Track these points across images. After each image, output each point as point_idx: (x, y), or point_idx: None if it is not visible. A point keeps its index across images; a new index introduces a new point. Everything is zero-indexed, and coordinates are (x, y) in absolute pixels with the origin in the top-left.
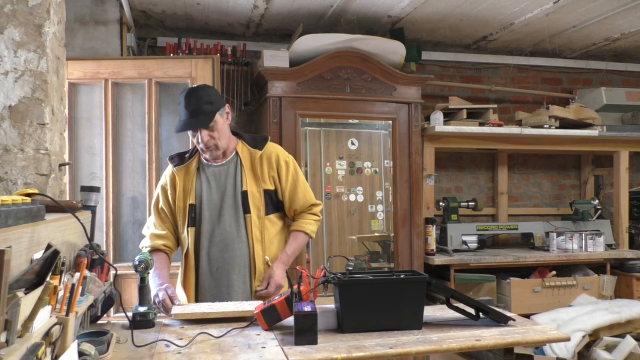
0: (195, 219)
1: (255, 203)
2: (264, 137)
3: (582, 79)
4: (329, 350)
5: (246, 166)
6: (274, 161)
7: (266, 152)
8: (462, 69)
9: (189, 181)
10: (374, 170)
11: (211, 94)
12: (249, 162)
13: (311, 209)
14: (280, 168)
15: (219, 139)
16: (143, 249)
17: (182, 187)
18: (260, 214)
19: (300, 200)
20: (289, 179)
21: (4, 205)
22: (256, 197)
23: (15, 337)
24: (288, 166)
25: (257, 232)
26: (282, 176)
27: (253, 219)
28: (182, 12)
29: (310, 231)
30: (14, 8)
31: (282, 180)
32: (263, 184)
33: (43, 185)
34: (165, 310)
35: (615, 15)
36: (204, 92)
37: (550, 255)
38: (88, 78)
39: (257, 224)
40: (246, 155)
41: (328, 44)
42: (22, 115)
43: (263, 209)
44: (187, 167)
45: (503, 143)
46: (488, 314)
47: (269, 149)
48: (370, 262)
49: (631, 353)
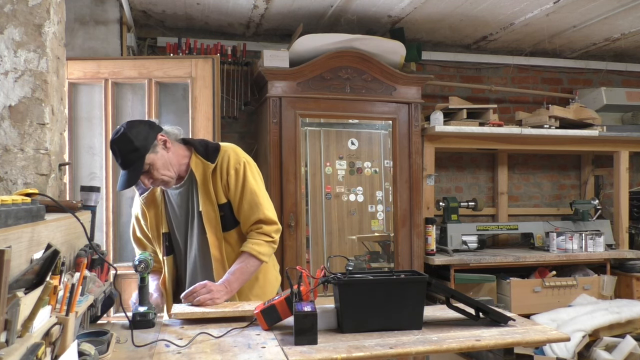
0: (170, 247)
1: (211, 222)
2: (215, 146)
3: (582, 79)
4: (329, 350)
5: (200, 184)
6: (224, 171)
7: (218, 163)
8: (462, 69)
9: (157, 209)
10: (374, 170)
11: (133, 137)
12: (202, 179)
13: (260, 228)
14: (229, 177)
15: (163, 174)
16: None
17: (153, 215)
18: (217, 234)
19: (244, 211)
20: (237, 188)
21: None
22: (211, 215)
23: (15, 337)
24: (237, 173)
25: (216, 253)
26: (230, 185)
27: (211, 240)
28: (182, 12)
29: (258, 252)
30: (14, 8)
31: (231, 190)
32: (218, 199)
33: (43, 185)
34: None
35: (616, 15)
36: (124, 142)
37: (550, 256)
38: (88, 78)
39: (215, 244)
40: (200, 171)
41: (328, 44)
42: (22, 115)
43: (219, 227)
44: (153, 193)
45: (503, 143)
46: (488, 314)
47: (220, 158)
48: (370, 262)
49: (631, 353)
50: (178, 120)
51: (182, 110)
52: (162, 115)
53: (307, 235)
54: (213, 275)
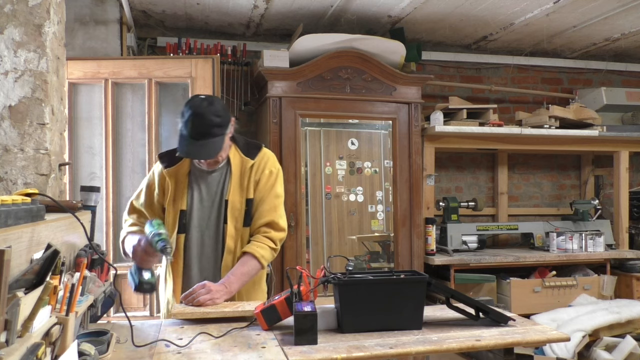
0: (185, 226)
1: (234, 214)
2: (257, 144)
3: (582, 79)
4: (329, 350)
5: (235, 175)
6: (260, 169)
7: (257, 160)
8: (462, 69)
9: (180, 185)
10: (374, 170)
11: (220, 112)
12: (238, 171)
13: (267, 232)
14: (263, 175)
15: (221, 154)
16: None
17: (173, 190)
18: (237, 225)
19: (262, 210)
20: (266, 187)
21: (4, 205)
22: (236, 207)
23: (15, 337)
24: (271, 175)
25: (230, 244)
26: (261, 182)
27: (229, 230)
28: (182, 12)
29: (261, 256)
30: (14, 8)
31: (260, 187)
32: (247, 194)
33: (43, 185)
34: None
35: (616, 15)
36: (212, 112)
37: (550, 256)
38: (88, 78)
39: (232, 235)
40: (237, 164)
41: (328, 44)
42: (22, 115)
43: (242, 219)
44: (178, 169)
45: (503, 143)
46: (488, 314)
47: (260, 157)
48: (370, 262)
49: (631, 353)
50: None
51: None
52: (162, 115)
53: (307, 235)
54: (221, 265)
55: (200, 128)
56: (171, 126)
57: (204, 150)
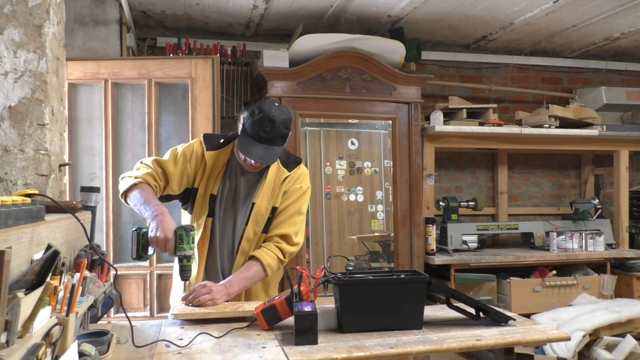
0: (213, 210)
1: (257, 218)
2: (297, 159)
3: (582, 79)
4: (329, 350)
5: (268, 181)
6: (293, 181)
7: (292, 174)
8: (462, 68)
9: (215, 171)
10: (374, 170)
11: (288, 124)
12: (272, 179)
13: (280, 243)
14: (293, 188)
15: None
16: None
17: (208, 172)
18: (257, 230)
19: (281, 221)
20: (292, 199)
21: (4, 205)
22: (261, 212)
23: (15, 337)
24: (300, 190)
25: (246, 246)
26: (289, 194)
27: (248, 232)
28: (181, 12)
29: (267, 264)
30: (14, 8)
31: (287, 197)
32: (274, 202)
33: (43, 185)
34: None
35: (615, 14)
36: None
37: (551, 255)
38: (88, 78)
39: (250, 237)
40: (274, 172)
41: (328, 44)
42: (22, 115)
43: (263, 224)
44: (219, 155)
45: (503, 143)
46: (488, 314)
47: (295, 171)
48: (370, 262)
49: (631, 352)
50: (178, 120)
51: (182, 110)
52: (162, 116)
53: (307, 235)
54: (233, 264)
55: (269, 134)
56: (171, 126)
57: (265, 155)
